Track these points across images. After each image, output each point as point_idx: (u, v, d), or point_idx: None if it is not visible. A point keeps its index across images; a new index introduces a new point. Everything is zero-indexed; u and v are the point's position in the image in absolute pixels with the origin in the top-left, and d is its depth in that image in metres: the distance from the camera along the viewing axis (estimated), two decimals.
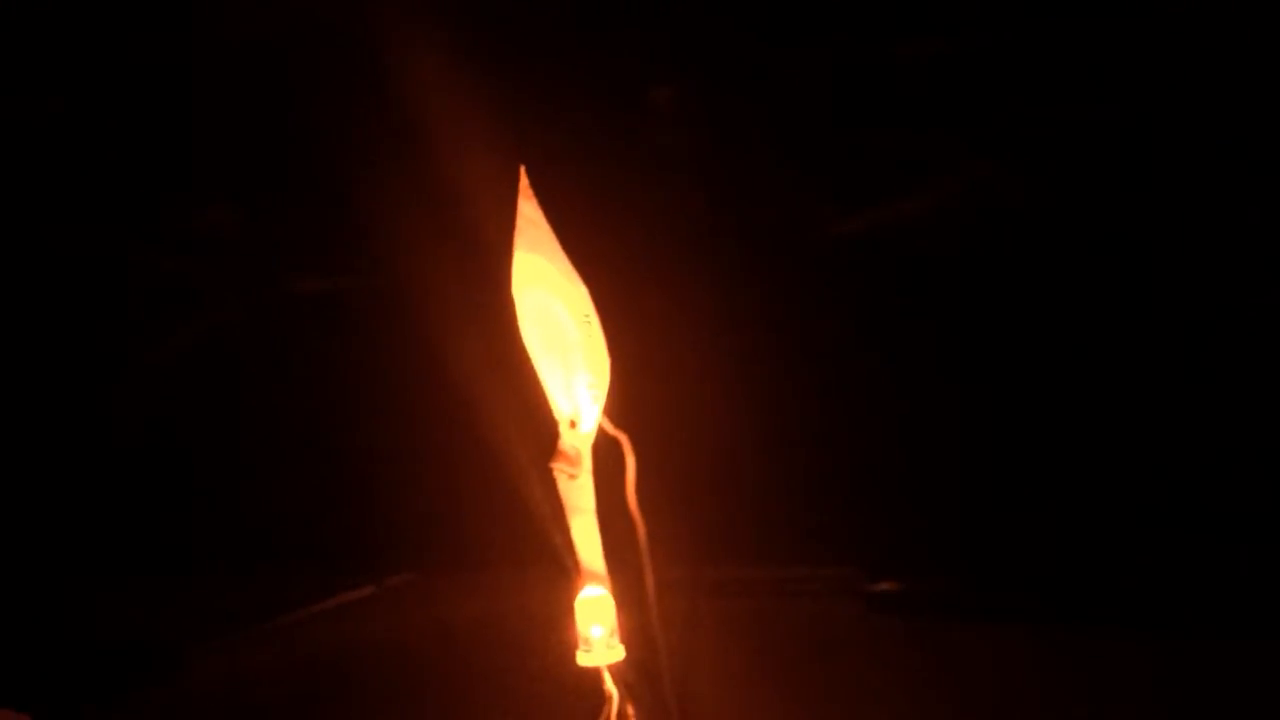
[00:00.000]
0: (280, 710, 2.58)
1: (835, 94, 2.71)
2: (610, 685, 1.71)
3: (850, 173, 2.73)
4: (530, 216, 1.67)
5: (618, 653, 1.71)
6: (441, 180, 2.49)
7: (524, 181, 1.65)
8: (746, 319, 2.71)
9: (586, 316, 1.68)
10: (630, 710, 1.75)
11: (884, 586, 2.68)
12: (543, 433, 1.75)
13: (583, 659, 1.71)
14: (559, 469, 1.73)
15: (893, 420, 2.71)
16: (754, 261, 2.73)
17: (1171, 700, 2.24)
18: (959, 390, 2.68)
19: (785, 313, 2.74)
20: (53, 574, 2.96)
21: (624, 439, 1.77)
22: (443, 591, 2.87)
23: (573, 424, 1.72)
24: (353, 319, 2.94)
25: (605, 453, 1.76)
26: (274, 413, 3.02)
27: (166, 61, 2.91)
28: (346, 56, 2.71)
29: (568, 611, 1.74)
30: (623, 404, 1.75)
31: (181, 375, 3.07)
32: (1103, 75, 2.59)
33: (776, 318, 2.73)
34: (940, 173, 2.71)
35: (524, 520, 2.06)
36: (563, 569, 1.79)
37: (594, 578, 1.74)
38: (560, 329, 1.69)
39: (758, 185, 2.74)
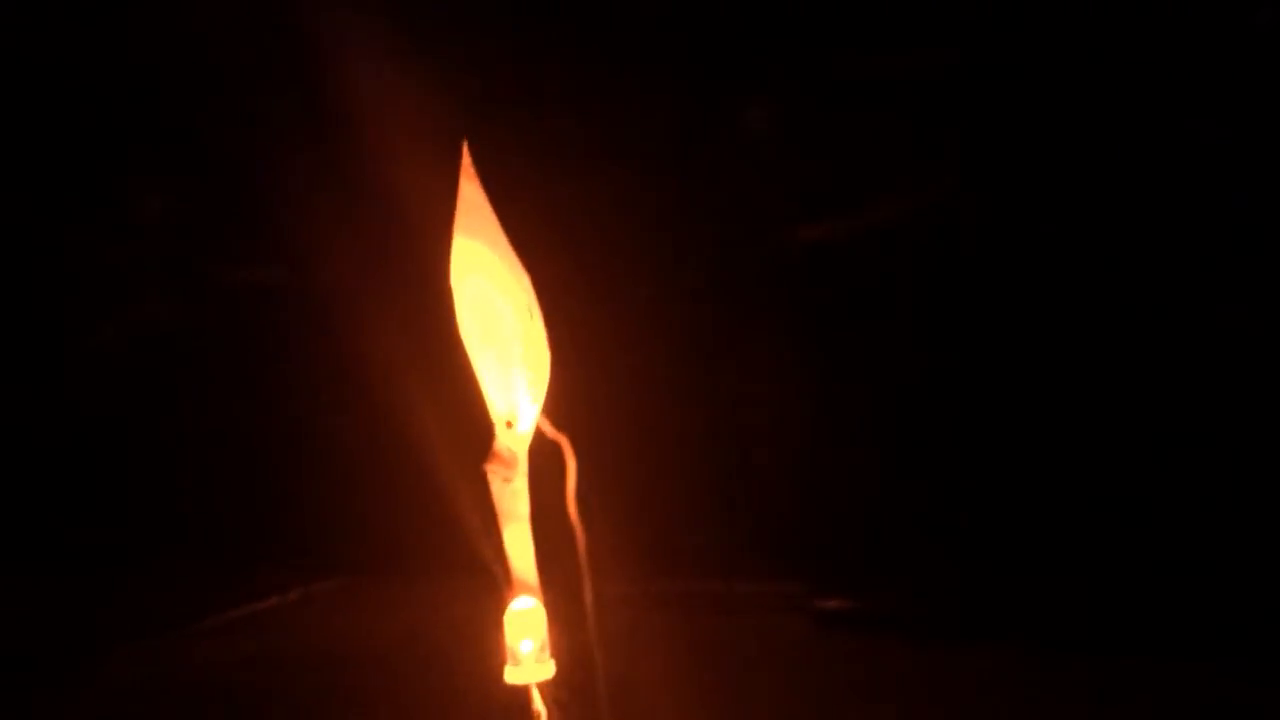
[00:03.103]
0: (194, 716, 2.47)
1: (804, 101, 2.66)
2: (539, 704, 1.59)
3: (815, 179, 2.68)
4: (472, 199, 1.55)
5: (547, 669, 1.59)
6: (377, 163, 2.40)
7: (466, 160, 1.53)
8: (699, 323, 2.66)
9: (528, 309, 1.56)
10: None
11: (833, 603, 2.64)
12: (477, 433, 1.63)
13: (510, 675, 1.59)
14: (493, 472, 1.61)
15: (846, 433, 2.66)
16: (710, 262, 2.68)
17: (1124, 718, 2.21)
18: (917, 404, 2.63)
19: (739, 318, 2.69)
20: None
21: (564, 442, 1.65)
22: (370, 599, 2.81)
23: (509, 424, 1.60)
24: (284, 312, 2.86)
25: (543, 456, 1.65)
26: (201, 409, 2.93)
27: (102, 47, 2.83)
28: (278, 36, 2.63)
29: (497, 624, 1.62)
30: (564, 405, 1.64)
31: (111, 367, 2.98)
32: (1071, 88, 2.56)
33: (729, 323, 2.68)
34: (908, 183, 2.66)
35: (454, 525, 1.96)
36: (493, 579, 1.68)
37: (526, 589, 1.62)
38: (499, 321, 1.57)
39: (718, 186, 2.68)
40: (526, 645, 1.57)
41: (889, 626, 2.58)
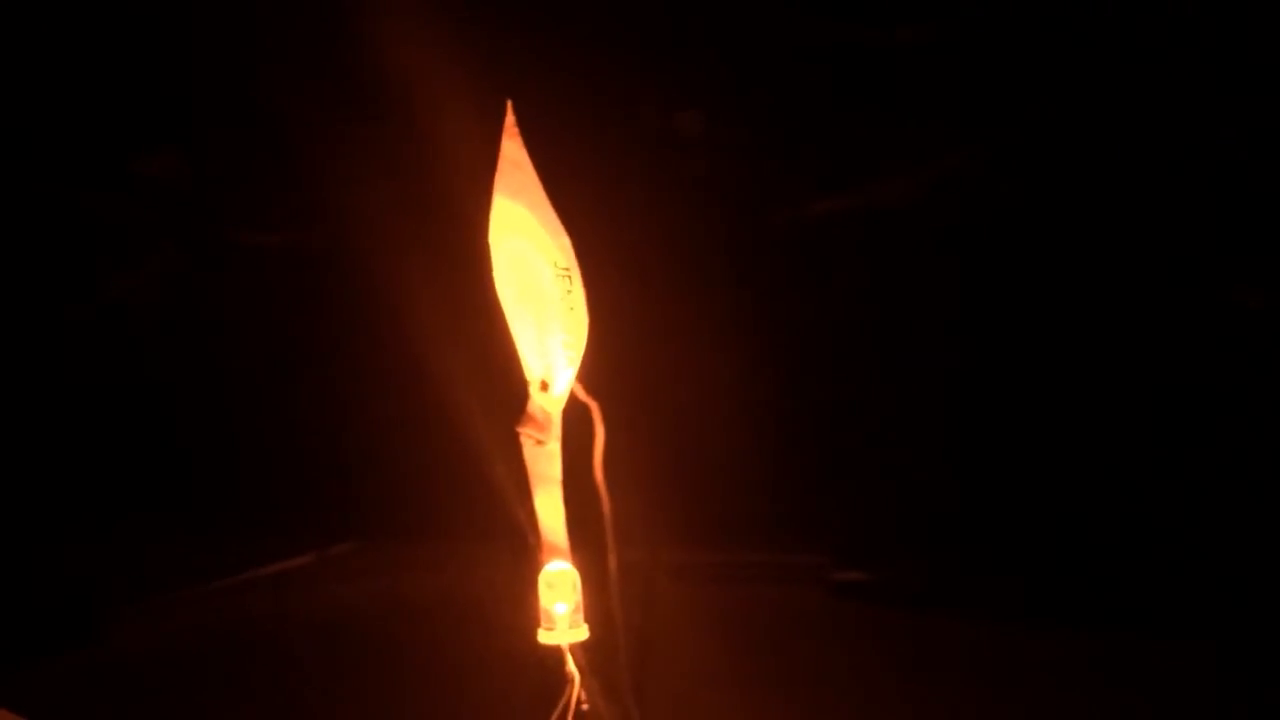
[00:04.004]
0: (206, 677, 2.47)
1: (824, 78, 2.65)
2: (572, 666, 1.59)
3: (839, 156, 2.67)
4: (514, 158, 1.54)
5: (581, 632, 1.59)
6: (418, 121, 2.38)
7: (510, 119, 1.52)
8: (732, 297, 2.64)
9: (567, 271, 1.55)
10: (584, 694, 1.63)
11: (850, 575, 2.64)
12: (511, 394, 1.62)
13: (544, 637, 1.59)
14: (527, 434, 1.60)
15: (866, 408, 2.65)
16: (745, 239, 2.66)
17: (1128, 694, 2.21)
18: (935, 380, 2.63)
19: (766, 289, 2.68)
20: None
21: (595, 407, 1.64)
22: (389, 561, 2.77)
23: (544, 386, 1.59)
24: (306, 270, 2.83)
25: (575, 420, 1.64)
26: (217, 368, 2.91)
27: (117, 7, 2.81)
28: None
29: (528, 586, 1.62)
30: (597, 370, 1.63)
31: (123, 325, 2.96)
32: (1084, 70, 2.55)
33: (758, 298, 2.66)
34: (923, 159, 2.65)
35: (482, 488, 1.95)
36: (522, 541, 1.68)
37: (556, 552, 1.62)
38: (538, 283, 1.56)
39: (754, 163, 2.67)
40: (560, 607, 1.56)
41: (905, 599, 2.57)
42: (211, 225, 2.96)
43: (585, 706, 1.61)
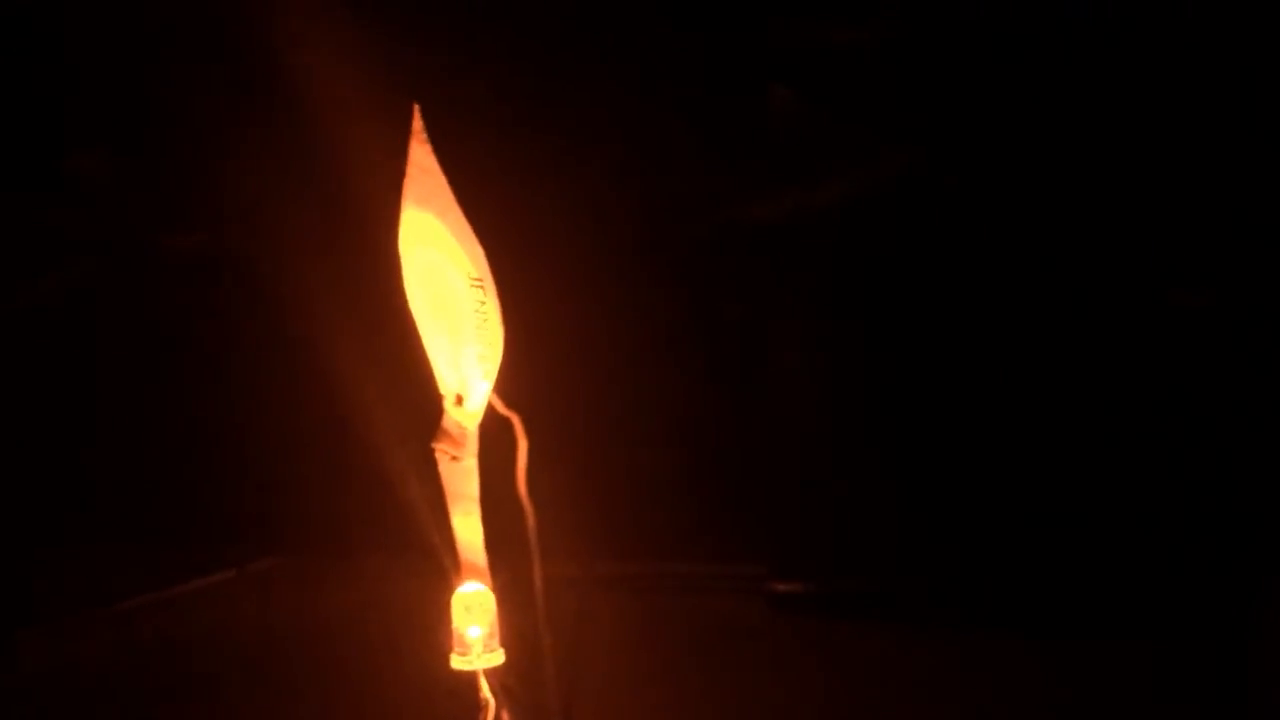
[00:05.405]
0: (120, 697, 2.40)
1: (760, 77, 2.62)
2: (486, 691, 1.53)
3: (767, 157, 2.64)
4: (423, 164, 1.48)
5: (497, 657, 1.53)
6: (324, 127, 2.32)
7: (417, 123, 1.47)
8: (655, 300, 2.60)
9: (480, 281, 1.50)
10: (505, 717, 1.58)
11: (788, 586, 2.61)
12: (425, 409, 1.57)
13: (457, 663, 1.53)
14: (441, 450, 1.55)
15: (804, 416, 2.63)
16: (667, 241, 2.63)
17: (1074, 701, 2.20)
18: (873, 387, 2.60)
19: (695, 297, 2.65)
20: None
21: (516, 419, 1.59)
22: (309, 578, 2.73)
23: (459, 400, 1.54)
24: (221, 278, 2.77)
25: (493, 434, 1.59)
26: (133, 376, 2.84)
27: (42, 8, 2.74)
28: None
29: (443, 608, 1.56)
30: (515, 381, 1.58)
31: (38, 331, 2.88)
32: (1028, 69, 2.54)
33: (686, 301, 2.63)
34: (863, 161, 2.63)
35: (397, 505, 1.89)
36: (438, 561, 1.62)
37: (474, 572, 1.56)
38: (451, 293, 1.51)
39: (673, 163, 2.63)
40: (474, 631, 1.51)
41: (843, 610, 2.56)
42: (123, 230, 2.89)
43: None
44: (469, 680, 1.55)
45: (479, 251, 1.50)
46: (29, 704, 2.38)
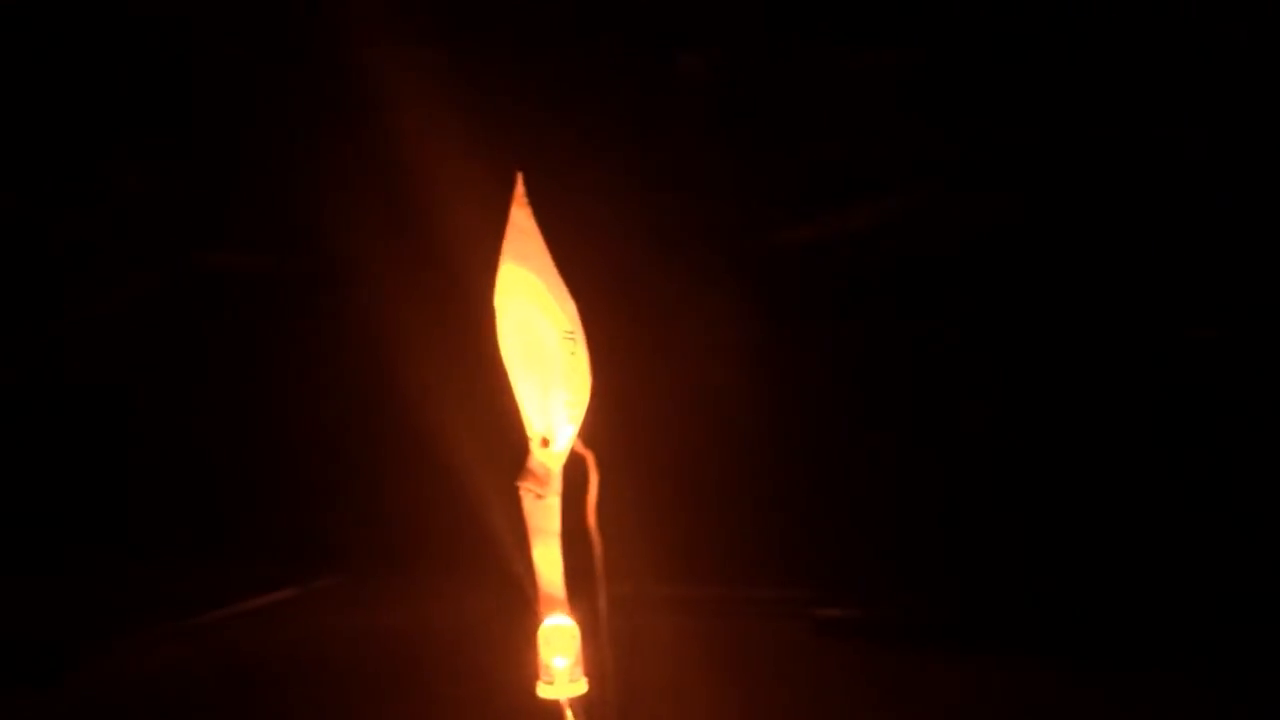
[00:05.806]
0: (188, 713, 2.47)
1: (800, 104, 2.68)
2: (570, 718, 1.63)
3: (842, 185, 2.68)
4: (522, 226, 1.59)
5: (581, 686, 1.63)
6: (432, 184, 2.41)
7: (520, 189, 1.57)
8: (715, 342, 2.67)
9: (571, 334, 1.60)
10: None
11: (833, 611, 2.64)
12: (512, 449, 1.67)
13: (544, 691, 1.63)
14: (526, 489, 1.65)
15: (851, 444, 2.68)
16: (729, 283, 2.69)
17: None
18: (921, 415, 2.65)
19: (749, 336, 2.71)
20: None
21: (590, 456, 1.69)
22: (372, 596, 2.78)
23: (545, 442, 1.64)
24: (308, 300, 2.84)
25: (572, 475, 1.69)
26: (206, 399, 2.91)
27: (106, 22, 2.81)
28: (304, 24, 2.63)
29: (524, 637, 1.66)
30: (593, 422, 1.68)
31: (97, 348, 2.94)
32: (1051, 95, 2.59)
33: (742, 340, 2.69)
34: (906, 185, 2.69)
35: (476, 535, 1.99)
36: (517, 591, 1.72)
37: (555, 604, 1.66)
38: (542, 344, 1.61)
39: (752, 212, 2.69)
40: (560, 661, 1.61)
41: (886, 635, 2.58)
42: (201, 250, 2.95)
43: None
44: (551, 708, 1.64)
45: (572, 307, 1.60)
46: (101, 716, 2.46)
